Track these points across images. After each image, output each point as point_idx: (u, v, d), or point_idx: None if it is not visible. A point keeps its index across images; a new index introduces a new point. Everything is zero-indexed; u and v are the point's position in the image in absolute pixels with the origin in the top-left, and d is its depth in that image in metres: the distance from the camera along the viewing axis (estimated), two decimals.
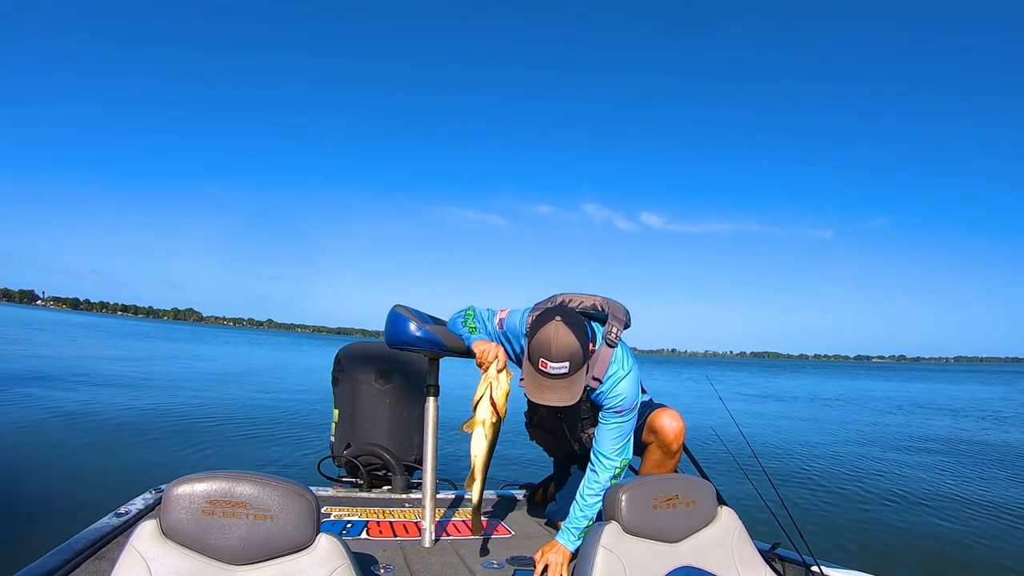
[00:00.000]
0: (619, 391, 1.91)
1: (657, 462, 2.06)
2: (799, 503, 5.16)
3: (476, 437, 1.83)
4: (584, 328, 1.78)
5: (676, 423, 2.04)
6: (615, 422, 1.93)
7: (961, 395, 22.33)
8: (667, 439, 2.03)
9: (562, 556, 1.82)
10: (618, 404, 1.92)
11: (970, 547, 4.27)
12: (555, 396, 1.72)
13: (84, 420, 7.22)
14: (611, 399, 1.93)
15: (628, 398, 1.92)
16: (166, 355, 23.67)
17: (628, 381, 1.93)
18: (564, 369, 1.69)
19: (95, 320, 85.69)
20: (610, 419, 1.93)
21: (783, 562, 1.84)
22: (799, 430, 10.58)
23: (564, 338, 1.70)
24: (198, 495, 1.21)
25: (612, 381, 1.92)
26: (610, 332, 1.95)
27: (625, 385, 1.92)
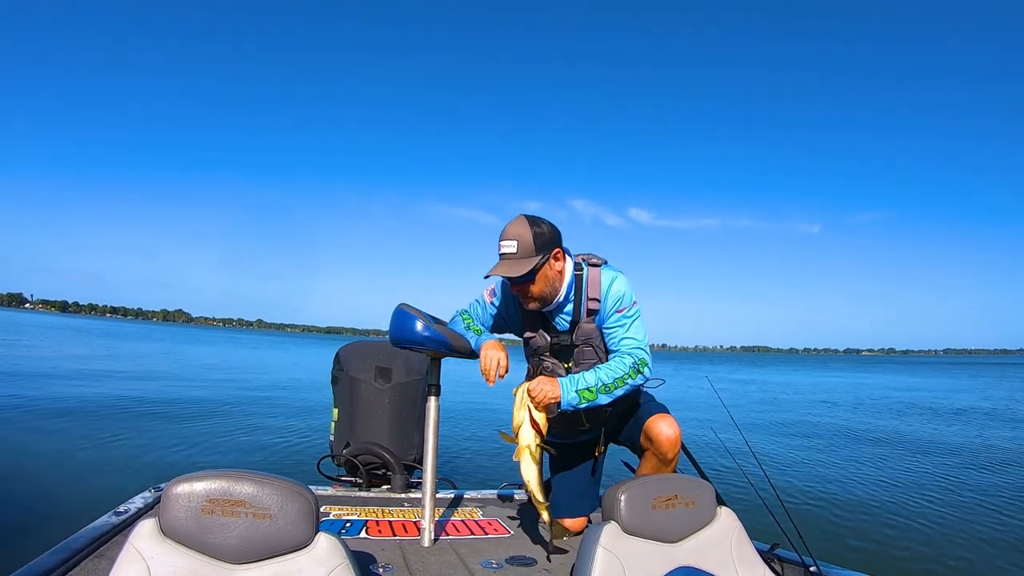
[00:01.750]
0: (615, 292, 2.02)
1: (654, 469, 2.09)
2: (798, 504, 5.16)
3: (525, 464, 1.87)
4: (548, 232, 1.94)
5: (672, 431, 2.06)
6: (622, 321, 2.02)
7: (955, 390, 22.33)
8: (662, 448, 2.05)
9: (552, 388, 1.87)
10: (618, 304, 2.02)
11: (969, 546, 4.28)
12: (503, 268, 1.90)
13: (83, 419, 7.22)
14: (611, 303, 2.02)
15: (625, 296, 2.02)
16: (162, 355, 23.68)
17: (620, 282, 2.04)
18: (512, 248, 1.89)
19: (84, 322, 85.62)
20: (617, 321, 2.02)
21: (782, 562, 1.84)
22: (797, 430, 10.58)
23: (517, 224, 1.92)
24: (197, 494, 1.20)
25: (608, 286, 2.03)
26: (592, 258, 2.09)
27: (618, 286, 2.02)
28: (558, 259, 1.97)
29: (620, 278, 2.05)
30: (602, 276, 2.04)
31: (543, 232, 1.92)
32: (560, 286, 2.00)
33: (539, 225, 1.93)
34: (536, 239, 1.89)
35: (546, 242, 1.92)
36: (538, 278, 1.93)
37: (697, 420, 10.20)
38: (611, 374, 1.94)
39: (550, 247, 1.93)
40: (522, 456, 1.87)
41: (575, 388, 1.90)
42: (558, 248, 1.97)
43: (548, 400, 1.86)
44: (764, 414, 13.21)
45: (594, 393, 1.92)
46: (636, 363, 1.97)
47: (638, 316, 2.04)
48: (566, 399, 1.89)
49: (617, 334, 2.02)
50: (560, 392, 1.88)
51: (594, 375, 1.93)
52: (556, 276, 1.98)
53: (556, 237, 1.97)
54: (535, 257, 1.89)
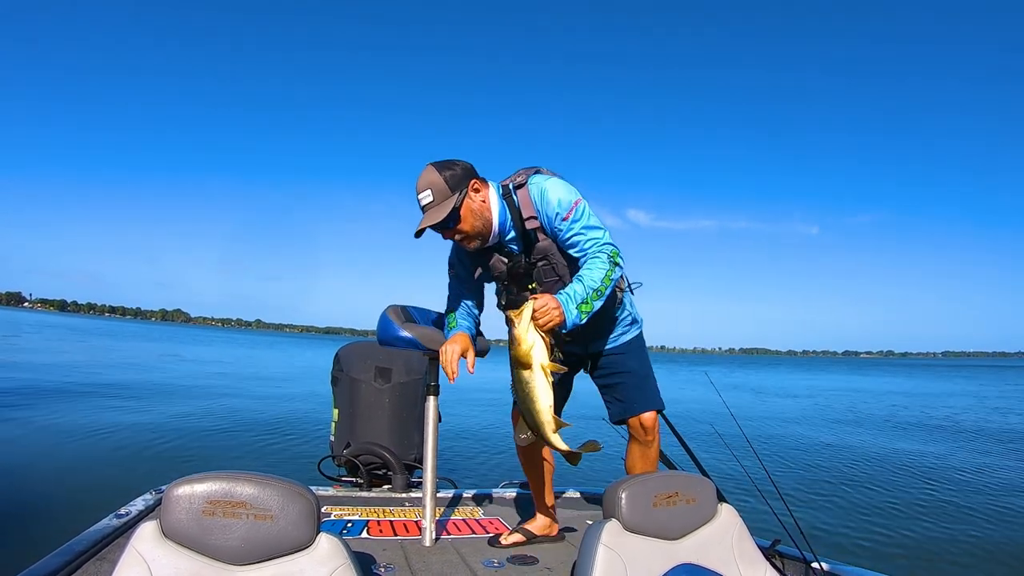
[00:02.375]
0: (550, 202, 1.88)
1: (639, 453, 2.04)
2: (799, 500, 5.17)
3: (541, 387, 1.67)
4: (460, 169, 1.87)
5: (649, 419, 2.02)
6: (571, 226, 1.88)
7: (952, 391, 22.38)
8: (636, 430, 2.02)
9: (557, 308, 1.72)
10: (559, 212, 1.88)
11: (969, 542, 4.29)
12: (426, 219, 1.84)
13: (83, 421, 7.22)
14: (551, 214, 1.89)
15: (563, 199, 1.88)
16: (160, 356, 23.68)
17: (551, 190, 1.89)
18: (428, 197, 1.83)
19: (83, 322, 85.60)
20: (568, 228, 1.88)
21: (783, 559, 1.84)
22: (798, 427, 10.59)
23: (426, 173, 1.86)
24: (198, 495, 1.20)
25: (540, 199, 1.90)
26: (516, 177, 1.98)
27: (552, 195, 1.88)
28: (478, 190, 1.89)
29: (550, 184, 1.91)
30: (530, 191, 1.92)
31: (454, 172, 1.86)
32: (491, 215, 1.91)
33: (449, 167, 1.87)
34: (448, 180, 1.84)
35: (459, 179, 1.85)
36: (463, 215, 1.86)
37: (697, 417, 10.21)
38: (595, 276, 1.81)
39: (465, 182, 1.86)
40: (537, 378, 1.66)
41: (575, 304, 1.77)
42: (474, 179, 1.89)
43: (554, 323, 1.71)
44: (764, 412, 13.22)
45: (590, 303, 1.80)
46: (609, 256, 1.86)
47: (587, 211, 1.90)
48: (570, 318, 1.75)
49: (576, 240, 1.89)
50: (561, 309, 1.73)
51: (581, 285, 1.80)
52: (482, 207, 1.89)
53: (469, 171, 1.90)
54: (452, 196, 1.83)
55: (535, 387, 1.67)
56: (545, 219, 1.90)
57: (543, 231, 1.93)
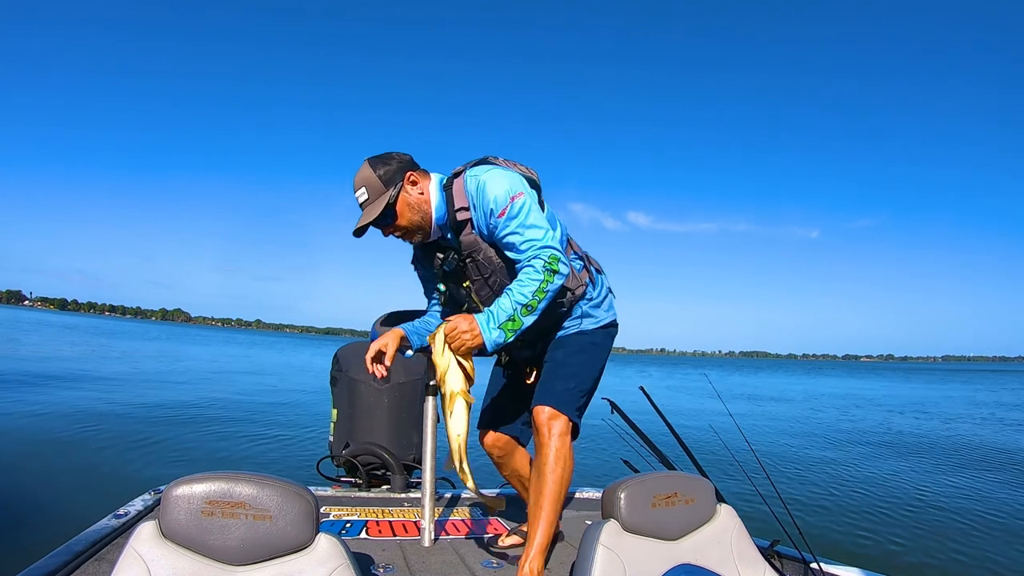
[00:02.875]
0: (487, 195, 1.70)
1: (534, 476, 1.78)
2: (798, 500, 5.17)
3: (456, 416, 1.60)
4: (395, 163, 1.77)
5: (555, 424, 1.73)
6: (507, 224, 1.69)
7: (952, 396, 22.40)
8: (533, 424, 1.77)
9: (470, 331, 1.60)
10: (494, 207, 1.70)
11: (968, 543, 4.29)
12: (362, 217, 1.74)
13: (82, 421, 7.21)
14: (485, 206, 1.72)
15: (500, 195, 1.69)
16: (159, 356, 23.66)
17: (491, 182, 1.71)
18: (364, 194, 1.75)
19: (83, 321, 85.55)
20: (503, 226, 1.70)
21: (782, 559, 1.84)
22: (797, 428, 10.60)
23: (361, 170, 1.77)
24: (197, 496, 1.20)
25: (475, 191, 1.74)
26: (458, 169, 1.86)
27: (491, 188, 1.70)
28: (415, 182, 1.78)
29: (489, 176, 1.73)
30: (466, 182, 1.77)
31: (389, 166, 1.76)
32: (429, 208, 1.78)
33: (384, 161, 1.77)
34: (383, 176, 1.74)
35: (393, 173, 1.75)
36: (399, 210, 1.76)
37: (697, 418, 10.21)
38: (526, 289, 1.62)
39: (400, 175, 1.76)
40: (452, 405, 1.59)
41: (497, 324, 1.61)
42: (410, 171, 1.78)
43: (467, 347, 1.61)
44: (763, 414, 13.23)
45: (518, 320, 1.62)
46: (546, 263, 1.64)
47: (527, 208, 1.69)
48: (490, 340, 1.60)
49: (512, 241, 1.69)
50: (480, 333, 1.61)
51: (508, 299, 1.62)
52: (419, 200, 1.77)
53: (406, 164, 1.79)
54: (387, 192, 1.73)
55: (448, 415, 1.60)
56: (480, 215, 1.74)
57: (472, 225, 1.78)
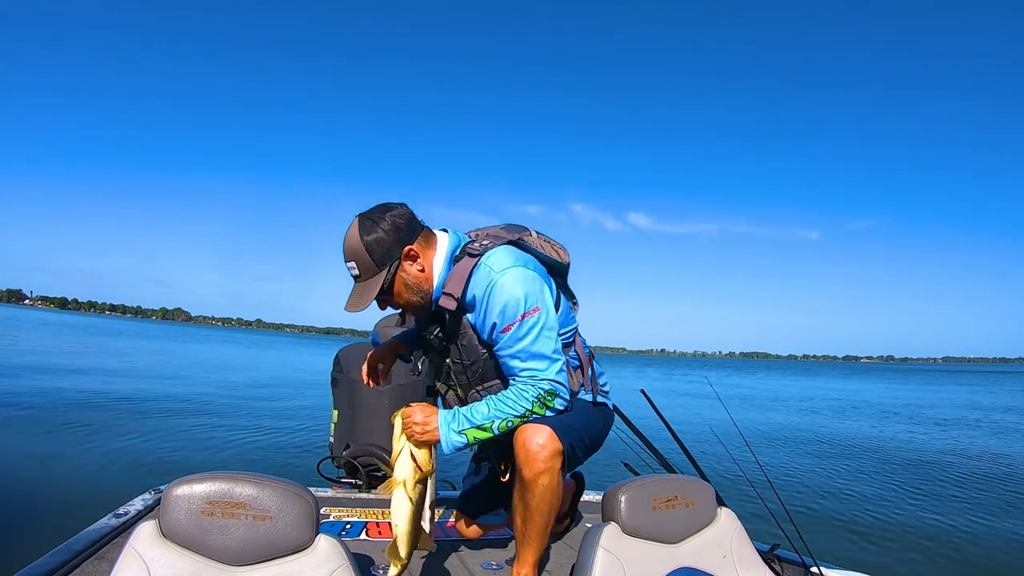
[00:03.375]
0: (494, 301, 1.49)
1: (518, 493, 1.59)
2: (798, 504, 5.16)
3: (397, 503, 1.47)
4: (388, 234, 1.49)
5: (540, 440, 1.51)
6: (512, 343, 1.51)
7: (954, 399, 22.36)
8: (519, 461, 1.54)
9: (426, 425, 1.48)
10: (503, 318, 1.50)
11: (968, 547, 4.28)
12: (352, 298, 1.52)
13: (82, 421, 7.21)
14: (489, 315, 1.52)
15: (511, 306, 1.49)
16: (159, 355, 23.69)
17: (506, 287, 1.49)
18: (355, 269, 1.51)
19: (83, 319, 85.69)
20: (507, 341, 1.51)
21: (782, 563, 1.84)
22: (797, 432, 10.58)
23: (349, 232, 1.51)
24: (197, 496, 1.20)
25: (482, 292, 1.52)
26: (474, 242, 1.61)
27: (500, 295, 1.49)
28: (414, 257, 1.54)
29: (505, 281, 1.50)
30: (473, 275, 1.54)
31: (381, 238, 1.49)
32: (430, 287, 1.57)
33: (374, 230, 1.49)
34: (374, 252, 1.49)
35: (387, 248, 1.50)
36: (396, 291, 1.55)
37: (697, 421, 10.20)
38: (508, 410, 1.50)
39: (396, 250, 1.51)
40: (393, 491, 1.48)
41: (459, 427, 1.49)
42: (408, 247, 1.52)
43: (421, 440, 1.48)
44: (764, 416, 13.21)
45: (487, 431, 1.50)
46: (541, 396, 1.51)
47: (537, 330, 1.50)
48: (447, 440, 1.48)
49: (511, 364, 1.54)
50: (438, 430, 1.48)
51: (487, 409, 1.50)
52: (418, 278, 1.55)
53: (403, 233, 1.52)
54: (380, 273, 1.50)
55: (392, 502, 1.48)
56: (481, 319, 1.55)
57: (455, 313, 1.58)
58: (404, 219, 1.54)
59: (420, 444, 1.49)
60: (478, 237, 1.64)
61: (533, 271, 1.57)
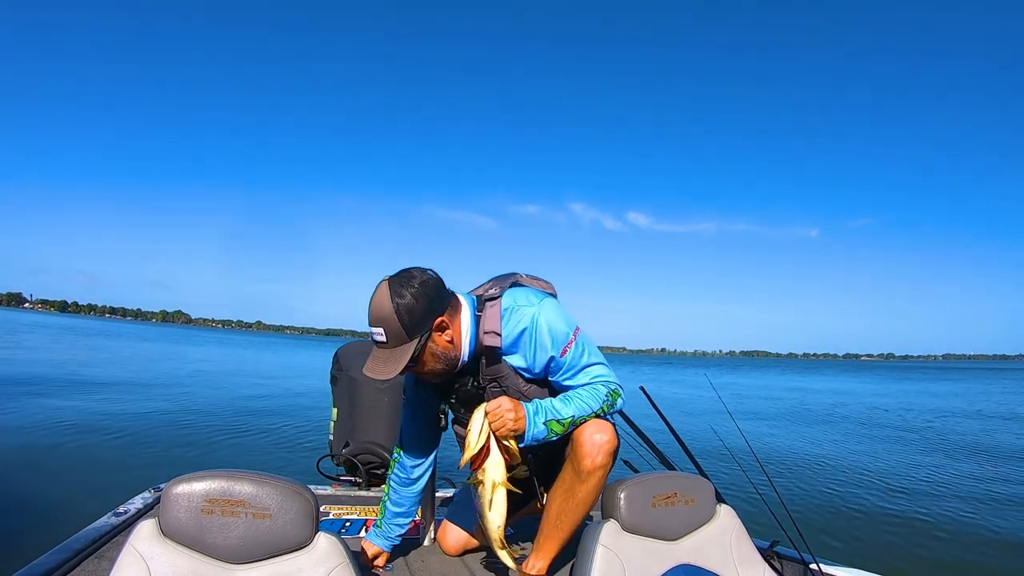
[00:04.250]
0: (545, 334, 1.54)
1: (566, 484, 1.60)
2: (798, 501, 5.17)
3: (497, 505, 1.45)
4: (419, 300, 1.45)
5: (603, 436, 1.55)
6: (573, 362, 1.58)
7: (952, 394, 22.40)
8: (580, 454, 1.56)
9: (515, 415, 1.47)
10: (556, 347, 1.55)
11: (967, 544, 4.29)
12: (372, 365, 1.49)
13: (82, 420, 7.22)
14: (546, 351, 1.56)
15: (558, 333, 1.55)
16: (160, 356, 23.68)
17: (549, 310, 1.57)
18: (381, 336, 1.46)
19: (84, 323, 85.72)
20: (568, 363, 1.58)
21: (782, 560, 1.84)
22: (797, 429, 10.60)
23: (377, 297, 1.46)
24: (197, 494, 1.20)
25: (525, 329, 1.55)
26: (490, 289, 1.66)
27: (550, 325, 1.55)
28: (444, 328, 1.51)
29: (547, 309, 1.57)
30: (505, 312, 1.57)
31: (412, 305, 1.44)
32: (458, 353, 1.56)
33: (405, 295, 1.44)
34: (404, 320, 1.44)
35: (419, 318, 1.45)
36: (424, 360, 1.52)
37: (696, 418, 10.21)
38: (587, 406, 1.55)
39: (428, 320, 1.47)
40: (493, 495, 1.44)
41: (544, 418, 1.50)
42: (440, 317, 1.49)
43: (508, 431, 1.46)
44: (763, 414, 13.23)
45: (566, 426, 1.53)
46: (610, 393, 1.60)
47: (586, 343, 1.60)
48: (531, 431, 1.49)
49: (576, 379, 1.60)
50: (525, 420, 1.48)
51: (569, 405, 1.54)
52: (446, 349, 1.53)
53: (433, 303, 1.48)
54: (410, 343, 1.46)
55: (483, 504, 1.45)
56: (533, 353, 1.57)
57: (498, 353, 1.59)
58: (434, 287, 1.50)
59: (508, 434, 1.47)
60: (484, 289, 1.69)
61: (556, 303, 1.63)
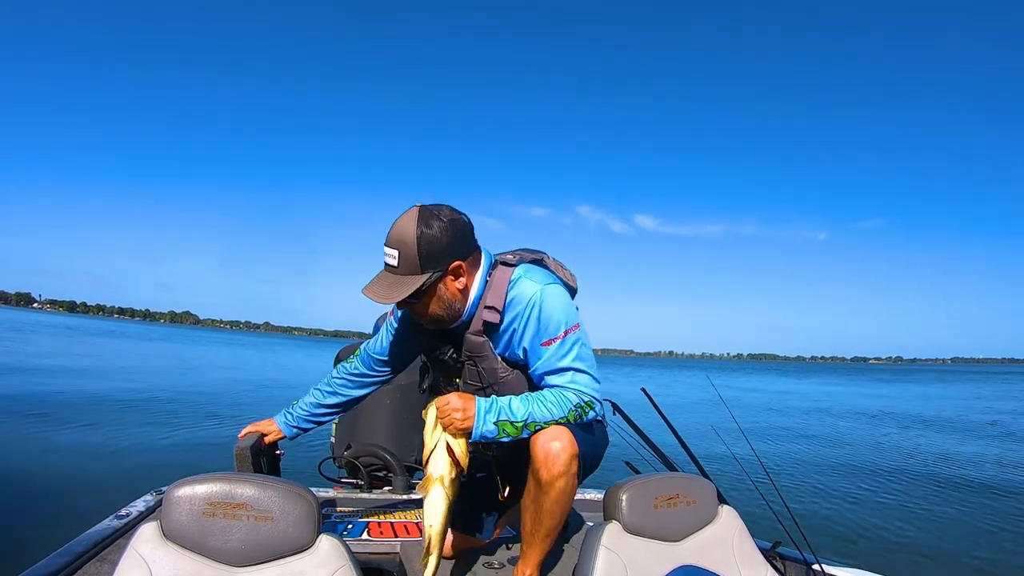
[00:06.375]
0: (542, 316, 1.46)
1: (531, 494, 1.51)
2: (800, 502, 5.16)
3: (432, 501, 1.42)
4: (444, 237, 1.38)
5: (558, 444, 1.44)
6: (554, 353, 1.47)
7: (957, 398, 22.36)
8: (537, 464, 1.46)
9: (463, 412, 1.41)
10: (547, 332, 1.46)
11: (968, 544, 4.28)
12: (375, 286, 1.41)
13: (84, 422, 7.22)
14: (533, 327, 1.47)
15: (556, 320, 1.46)
16: (165, 357, 23.70)
17: (550, 301, 1.46)
18: (393, 259, 1.38)
19: (92, 323, 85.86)
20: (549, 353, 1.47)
21: (784, 560, 1.83)
22: (799, 430, 10.58)
23: (402, 220, 1.39)
24: (199, 497, 1.20)
25: (525, 303, 1.46)
26: (507, 255, 1.57)
27: (549, 307, 1.46)
28: (459, 275, 1.44)
29: (549, 296, 1.46)
30: (512, 285, 1.48)
31: (436, 238, 1.37)
32: (462, 306, 1.48)
33: (432, 225, 1.38)
34: (423, 249, 1.37)
35: (437, 253, 1.38)
36: (426, 298, 1.44)
37: (699, 419, 10.19)
38: (547, 412, 1.45)
39: (445, 259, 1.40)
40: (429, 489, 1.42)
41: (495, 418, 1.42)
42: (459, 262, 1.42)
43: (455, 428, 1.42)
44: (766, 415, 13.21)
45: (519, 429, 1.44)
46: (581, 404, 1.48)
47: (579, 345, 1.49)
48: (480, 429, 1.42)
49: (552, 379, 1.50)
50: (474, 419, 1.42)
51: (525, 407, 1.44)
52: (453, 297, 1.45)
53: (456, 244, 1.41)
54: (420, 276, 1.38)
55: (425, 499, 1.42)
56: (522, 331, 1.49)
57: (493, 328, 1.51)
58: (464, 230, 1.44)
59: (458, 433, 1.43)
60: (508, 255, 1.60)
61: (565, 291, 1.55)
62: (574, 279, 1.73)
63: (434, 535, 1.43)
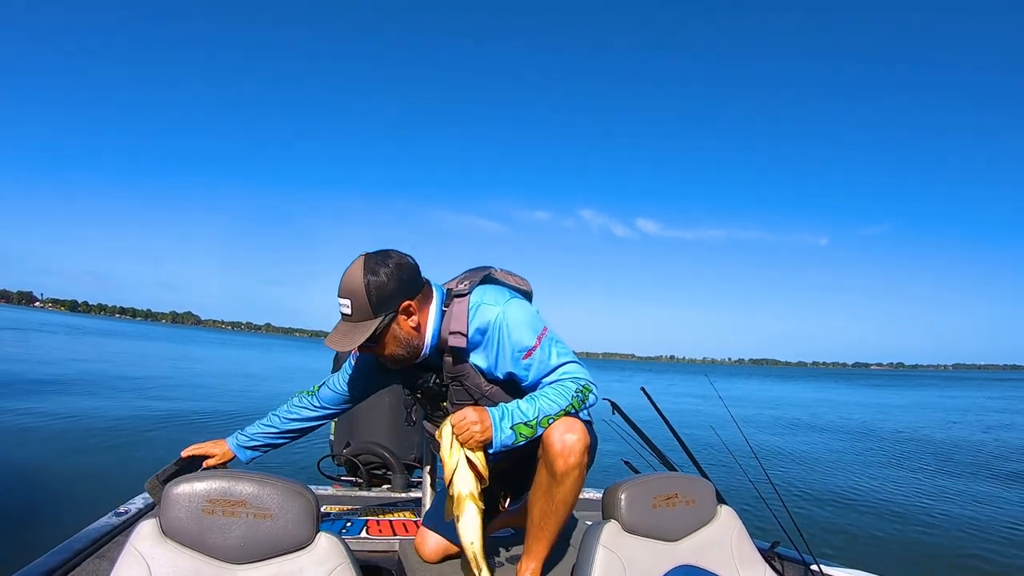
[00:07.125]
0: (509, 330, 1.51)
1: (543, 487, 1.52)
2: (799, 502, 5.16)
3: (468, 517, 1.44)
4: (391, 280, 1.46)
5: (573, 436, 1.47)
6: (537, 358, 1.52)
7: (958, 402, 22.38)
8: (551, 455, 1.47)
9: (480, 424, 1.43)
10: (522, 348, 1.51)
11: (967, 545, 4.28)
12: (333, 336, 1.50)
13: (84, 420, 7.22)
14: (502, 344, 1.52)
15: (525, 334, 1.51)
16: (165, 357, 23.71)
17: (515, 316, 1.52)
18: (348, 308, 1.47)
19: (94, 322, 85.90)
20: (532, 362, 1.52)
21: (783, 561, 1.84)
22: (799, 431, 10.59)
23: (351, 270, 1.47)
24: (198, 494, 1.21)
25: (491, 327, 1.52)
26: (460, 283, 1.61)
27: (516, 326, 1.51)
28: (411, 313, 1.51)
29: (511, 314, 1.52)
30: (472, 311, 1.53)
31: (383, 283, 1.45)
32: (421, 342, 1.54)
33: (379, 272, 1.45)
34: (373, 295, 1.44)
35: (387, 296, 1.46)
36: (385, 341, 1.51)
37: (698, 420, 10.19)
38: (554, 404, 1.47)
39: (395, 300, 1.47)
40: (462, 509, 1.43)
41: (511, 423, 1.44)
42: (408, 301, 1.49)
43: (476, 442, 1.44)
44: (765, 416, 13.21)
45: (533, 428, 1.45)
46: (580, 388, 1.52)
47: (554, 342, 1.55)
48: (499, 439, 1.43)
49: (543, 378, 1.53)
50: (491, 429, 1.43)
51: (533, 405, 1.46)
52: (409, 335, 1.52)
53: (403, 285, 1.48)
54: (373, 320, 1.46)
55: (459, 518, 1.44)
56: (496, 353, 1.54)
57: (463, 353, 1.56)
58: (409, 271, 1.51)
59: (477, 447, 1.45)
60: (457, 282, 1.64)
61: (523, 302, 1.60)
62: (526, 282, 1.77)
63: (478, 552, 1.45)
